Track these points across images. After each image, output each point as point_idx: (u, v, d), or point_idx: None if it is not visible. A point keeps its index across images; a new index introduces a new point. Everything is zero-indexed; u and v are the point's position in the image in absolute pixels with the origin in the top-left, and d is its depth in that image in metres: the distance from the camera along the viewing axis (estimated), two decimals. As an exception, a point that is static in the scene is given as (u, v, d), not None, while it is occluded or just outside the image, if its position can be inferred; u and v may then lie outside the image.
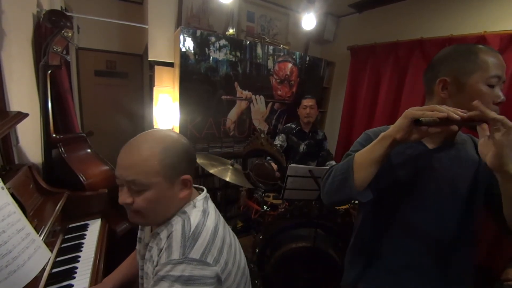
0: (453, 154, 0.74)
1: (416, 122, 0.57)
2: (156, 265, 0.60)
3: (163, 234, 0.63)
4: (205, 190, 0.77)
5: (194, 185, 0.81)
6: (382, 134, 0.63)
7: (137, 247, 0.81)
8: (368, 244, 0.83)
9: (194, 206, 0.67)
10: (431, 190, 0.73)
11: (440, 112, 0.55)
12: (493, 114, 0.54)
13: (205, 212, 0.67)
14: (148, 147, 0.61)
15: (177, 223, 0.63)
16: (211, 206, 0.72)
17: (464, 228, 0.73)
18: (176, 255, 0.56)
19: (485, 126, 0.57)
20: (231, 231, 0.75)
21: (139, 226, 0.81)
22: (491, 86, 0.66)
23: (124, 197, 0.62)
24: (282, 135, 2.24)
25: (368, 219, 0.84)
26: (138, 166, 0.60)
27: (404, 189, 0.75)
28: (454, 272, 0.74)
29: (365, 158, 0.66)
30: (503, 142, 0.53)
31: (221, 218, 0.73)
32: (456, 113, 0.56)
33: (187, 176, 0.65)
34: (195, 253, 0.57)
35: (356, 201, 1.64)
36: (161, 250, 0.60)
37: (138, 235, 0.81)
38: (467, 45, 0.72)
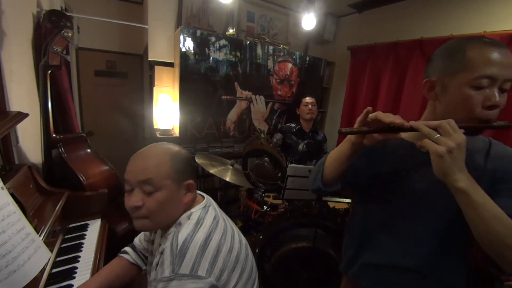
0: None
1: (338, 131, 0.62)
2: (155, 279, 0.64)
3: (161, 248, 0.67)
4: (205, 198, 0.79)
5: (198, 192, 0.83)
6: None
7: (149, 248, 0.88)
8: (357, 240, 0.84)
9: (188, 218, 0.70)
10: (420, 192, 0.70)
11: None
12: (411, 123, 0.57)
13: (197, 224, 0.69)
14: (159, 154, 0.70)
15: (169, 240, 0.66)
16: (210, 214, 0.74)
17: (455, 230, 0.68)
18: (167, 272, 0.60)
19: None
20: (236, 236, 0.75)
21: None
22: (479, 88, 0.57)
23: (134, 200, 0.66)
24: (279, 134, 2.24)
25: (358, 216, 0.85)
26: (151, 169, 0.67)
27: (393, 190, 0.74)
28: (443, 276, 0.71)
29: (333, 156, 0.73)
30: (438, 149, 0.52)
31: (221, 224, 0.73)
32: (394, 121, 0.58)
33: (191, 181, 0.73)
34: (185, 269, 0.59)
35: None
36: (158, 264, 0.66)
37: (151, 237, 0.86)
38: (458, 40, 0.63)
